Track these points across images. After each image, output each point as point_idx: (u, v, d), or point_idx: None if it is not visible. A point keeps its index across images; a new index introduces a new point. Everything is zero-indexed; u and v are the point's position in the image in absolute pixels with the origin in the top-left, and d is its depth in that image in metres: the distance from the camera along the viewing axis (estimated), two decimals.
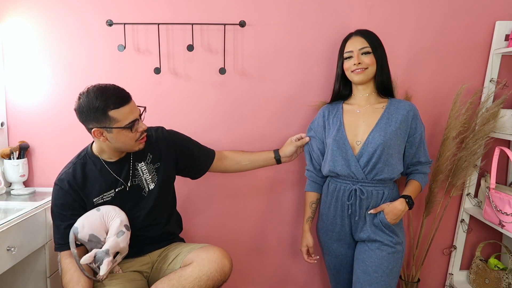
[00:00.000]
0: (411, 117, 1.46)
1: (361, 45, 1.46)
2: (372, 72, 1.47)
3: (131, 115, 1.30)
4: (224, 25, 1.77)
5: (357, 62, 1.45)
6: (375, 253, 1.43)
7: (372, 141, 1.42)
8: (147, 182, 1.44)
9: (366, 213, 1.46)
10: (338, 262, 1.57)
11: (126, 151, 1.41)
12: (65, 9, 1.78)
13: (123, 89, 1.32)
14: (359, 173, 1.44)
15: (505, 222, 1.63)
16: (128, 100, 1.30)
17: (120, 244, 1.33)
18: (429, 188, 1.83)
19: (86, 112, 1.26)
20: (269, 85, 1.85)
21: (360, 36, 1.48)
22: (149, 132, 1.46)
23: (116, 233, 1.33)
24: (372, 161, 1.42)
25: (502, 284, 1.76)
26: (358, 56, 1.45)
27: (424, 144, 1.51)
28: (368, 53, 1.45)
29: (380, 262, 1.42)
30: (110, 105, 1.25)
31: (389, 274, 1.43)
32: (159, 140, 1.50)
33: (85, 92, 1.28)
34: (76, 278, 1.27)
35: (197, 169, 1.62)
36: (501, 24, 1.77)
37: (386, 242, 1.43)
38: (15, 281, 1.64)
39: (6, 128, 1.88)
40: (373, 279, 1.43)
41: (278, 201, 1.94)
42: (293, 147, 1.67)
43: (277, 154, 1.69)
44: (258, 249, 1.99)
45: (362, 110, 1.50)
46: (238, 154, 1.70)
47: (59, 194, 1.36)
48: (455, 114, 1.74)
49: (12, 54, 1.83)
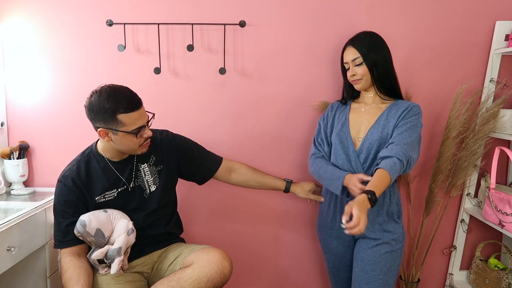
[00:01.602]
0: (408, 110, 1.42)
1: (352, 56, 1.47)
2: (368, 80, 1.47)
3: (139, 121, 1.30)
4: (224, 25, 1.77)
5: (351, 74, 1.48)
6: (373, 251, 1.44)
7: (370, 137, 1.44)
8: (149, 184, 1.44)
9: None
10: (338, 260, 1.59)
11: (129, 153, 1.41)
12: (65, 9, 1.78)
13: (135, 94, 1.31)
14: (359, 169, 1.45)
15: (505, 222, 1.63)
16: (139, 106, 1.30)
17: (130, 242, 1.35)
18: (429, 188, 1.83)
19: (96, 111, 1.26)
20: (269, 85, 1.85)
21: (352, 46, 1.47)
22: (153, 134, 1.46)
23: (126, 231, 1.35)
24: (370, 157, 1.43)
25: (502, 284, 1.76)
26: (352, 68, 1.48)
27: (411, 134, 1.36)
28: (360, 64, 1.45)
29: (378, 260, 1.43)
30: (120, 108, 1.25)
31: (387, 273, 1.43)
32: (163, 143, 1.49)
33: (98, 91, 1.28)
34: (75, 277, 1.27)
35: (200, 175, 1.61)
36: (501, 24, 1.77)
37: (385, 240, 1.43)
38: (15, 281, 1.64)
39: (6, 128, 1.88)
40: (371, 278, 1.43)
41: (278, 201, 1.94)
42: (305, 195, 1.70)
43: (287, 188, 1.70)
44: (258, 249, 1.99)
45: (367, 109, 1.52)
46: (250, 173, 1.67)
47: (63, 191, 1.36)
48: (455, 114, 1.74)
49: (12, 54, 1.83)
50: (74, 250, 1.36)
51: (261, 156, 1.90)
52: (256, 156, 1.90)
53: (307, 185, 1.71)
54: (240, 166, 1.68)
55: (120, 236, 1.33)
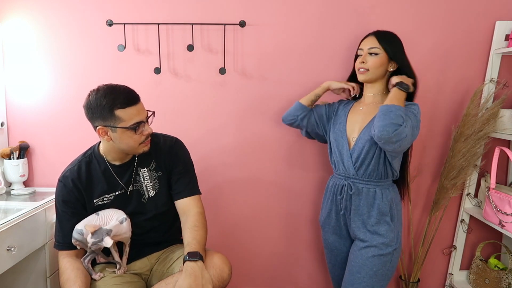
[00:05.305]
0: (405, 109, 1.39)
1: (370, 44, 1.45)
2: (374, 75, 1.46)
3: (137, 117, 1.29)
4: (224, 25, 1.77)
5: (361, 61, 1.46)
6: (361, 253, 1.44)
7: (362, 138, 1.44)
8: (148, 189, 1.43)
9: (356, 210, 1.46)
10: (333, 257, 1.61)
11: (130, 153, 1.40)
12: (65, 9, 1.78)
13: (133, 90, 1.31)
14: (351, 168, 1.46)
15: (505, 222, 1.63)
16: (136, 101, 1.30)
17: (122, 229, 1.33)
18: (440, 184, 1.82)
19: (94, 109, 1.26)
20: (269, 85, 1.85)
21: (374, 36, 1.47)
22: (158, 139, 1.45)
23: (118, 219, 1.34)
24: (361, 157, 1.43)
25: (502, 284, 1.76)
26: (364, 56, 1.46)
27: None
28: (375, 54, 1.44)
29: (364, 263, 1.42)
30: (118, 104, 1.25)
31: (373, 276, 1.41)
32: (166, 149, 1.47)
33: (95, 90, 1.28)
34: (73, 278, 1.26)
35: (172, 192, 1.48)
36: (501, 24, 1.77)
37: (374, 243, 1.42)
38: (15, 281, 1.64)
39: (6, 128, 1.88)
40: (355, 280, 1.43)
41: (279, 201, 1.94)
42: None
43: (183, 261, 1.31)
44: (259, 249, 1.99)
45: (365, 108, 1.52)
46: (187, 234, 1.36)
47: (63, 191, 1.36)
48: (472, 111, 1.74)
49: (12, 54, 1.83)
50: (73, 252, 1.36)
51: (260, 156, 1.90)
52: (256, 155, 1.90)
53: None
54: (192, 220, 1.39)
55: (112, 222, 1.32)
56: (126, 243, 1.39)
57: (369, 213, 1.44)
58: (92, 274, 1.33)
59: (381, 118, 1.30)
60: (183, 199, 1.44)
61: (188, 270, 1.21)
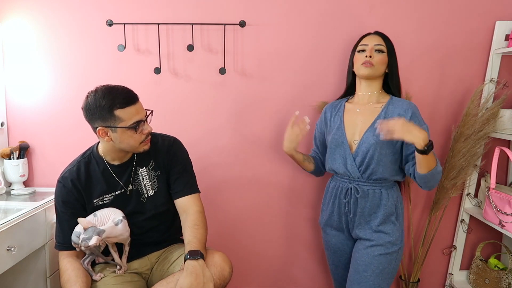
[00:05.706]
0: (409, 116, 1.42)
1: (377, 41, 1.48)
2: (378, 71, 1.47)
3: (136, 116, 1.29)
4: (224, 25, 1.77)
5: (369, 55, 1.46)
6: (367, 252, 1.44)
7: (366, 141, 1.43)
8: (147, 188, 1.43)
9: (362, 212, 1.46)
10: (336, 258, 1.60)
11: (131, 152, 1.40)
12: (65, 9, 1.78)
13: (131, 90, 1.32)
14: (355, 172, 1.46)
15: (505, 222, 1.63)
16: (135, 101, 1.30)
17: (117, 231, 1.32)
18: (438, 183, 1.81)
19: (93, 110, 1.26)
20: (269, 85, 1.85)
21: (379, 35, 1.51)
22: (156, 139, 1.45)
23: (113, 221, 1.33)
24: (366, 161, 1.43)
25: (502, 284, 1.76)
26: (371, 50, 1.47)
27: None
28: (381, 52, 1.47)
29: (370, 261, 1.42)
30: (117, 104, 1.25)
31: (379, 275, 1.42)
32: (164, 148, 1.47)
33: (94, 91, 1.28)
34: (74, 278, 1.27)
35: (171, 191, 1.48)
36: (501, 24, 1.77)
37: (380, 242, 1.43)
38: (15, 281, 1.64)
39: (6, 128, 1.88)
40: (362, 278, 1.43)
41: (279, 200, 1.95)
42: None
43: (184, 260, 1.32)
44: (258, 250, 1.99)
45: (361, 109, 1.51)
46: (187, 232, 1.37)
47: (62, 192, 1.36)
48: (473, 111, 1.74)
49: (12, 54, 1.83)
50: (73, 252, 1.36)
51: (260, 155, 1.90)
52: (255, 155, 1.90)
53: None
54: (191, 224, 1.38)
55: (107, 224, 1.32)
56: (125, 243, 1.39)
57: (376, 214, 1.45)
58: (92, 275, 1.33)
59: (430, 182, 1.38)
60: (182, 197, 1.44)
61: (189, 268, 1.21)
